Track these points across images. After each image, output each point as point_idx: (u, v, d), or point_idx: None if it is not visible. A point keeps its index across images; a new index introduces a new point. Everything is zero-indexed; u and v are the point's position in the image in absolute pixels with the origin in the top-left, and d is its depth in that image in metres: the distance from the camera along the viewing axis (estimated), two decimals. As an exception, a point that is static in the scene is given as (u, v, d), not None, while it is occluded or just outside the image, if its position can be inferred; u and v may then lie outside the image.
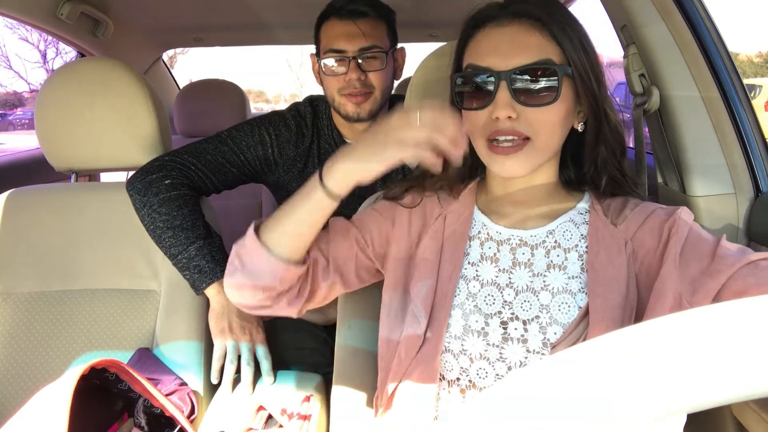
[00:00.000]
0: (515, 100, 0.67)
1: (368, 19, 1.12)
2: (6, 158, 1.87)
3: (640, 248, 0.68)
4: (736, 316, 0.24)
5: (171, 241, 1.02)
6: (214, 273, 1.01)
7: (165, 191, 1.04)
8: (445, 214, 0.79)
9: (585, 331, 0.65)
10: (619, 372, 0.24)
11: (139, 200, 1.04)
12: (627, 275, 0.67)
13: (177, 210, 1.03)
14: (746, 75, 15.57)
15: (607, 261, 0.68)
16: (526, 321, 0.69)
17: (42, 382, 0.98)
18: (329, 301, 0.83)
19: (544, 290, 0.70)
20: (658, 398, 0.23)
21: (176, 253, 1.02)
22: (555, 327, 0.67)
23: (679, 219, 0.67)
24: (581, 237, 0.72)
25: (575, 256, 0.71)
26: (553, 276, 0.70)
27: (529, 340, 0.68)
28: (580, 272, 0.70)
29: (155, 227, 1.03)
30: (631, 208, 0.72)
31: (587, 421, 0.23)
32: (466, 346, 0.70)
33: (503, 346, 0.69)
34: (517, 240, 0.74)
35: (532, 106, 0.68)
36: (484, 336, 0.70)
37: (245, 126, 1.18)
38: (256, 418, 0.89)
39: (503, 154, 0.69)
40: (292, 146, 1.20)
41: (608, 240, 0.70)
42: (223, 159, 1.13)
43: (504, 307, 0.71)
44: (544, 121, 0.68)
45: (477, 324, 0.70)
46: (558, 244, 0.72)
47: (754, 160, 0.93)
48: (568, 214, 0.74)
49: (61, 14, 1.57)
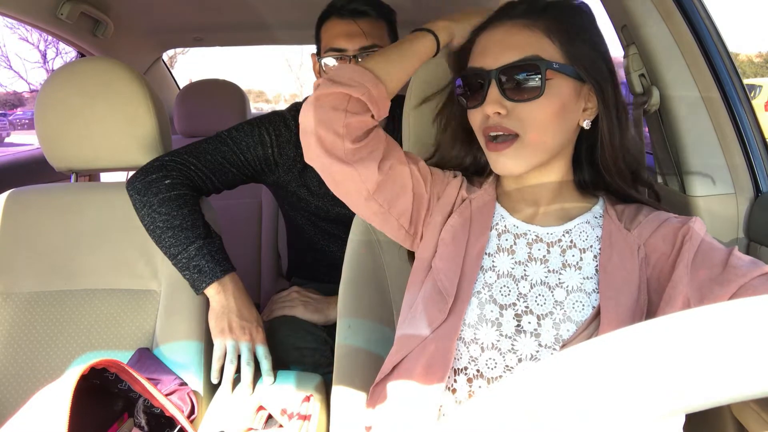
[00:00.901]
0: (503, 96, 0.71)
1: (369, 19, 1.13)
2: (6, 158, 1.87)
3: (652, 253, 0.69)
4: (736, 316, 0.24)
5: (171, 240, 1.02)
6: (214, 273, 1.01)
7: (165, 191, 1.04)
8: (470, 199, 0.81)
9: (596, 331, 0.66)
10: (619, 372, 0.24)
11: (139, 200, 1.04)
12: (638, 279, 0.68)
13: (177, 210, 1.03)
14: (746, 75, 15.58)
15: (620, 264, 0.69)
16: (540, 316, 0.70)
17: (42, 382, 0.98)
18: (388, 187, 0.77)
19: (559, 287, 0.71)
20: (658, 398, 0.23)
21: (176, 253, 1.02)
22: (568, 324, 0.68)
23: (693, 228, 0.68)
24: (596, 239, 0.73)
25: (590, 257, 0.72)
26: (568, 274, 0.71)
27: (542, 334, 0.69)
28: (594, 273, 0.71)
29: (155, 227, 1.03)
30: (645, 214, 0.73)
31: (587, 421, 0.23)
32: (479, 335, 0.71)
33: (516, 338, 0.70)
34: (533, 236, 0.75)
35: (519, 102, 0.70)
36: (498, 326, 0.71)
37: (245, 126, 1.18)
38: (256, 418, 0.89)
39: (495, 150, 0.73)
40: (292, 146, 1.19)
41: (621, 244, 0.71)
42: (223, 159, 1.13)
43: (519, 299, 0.72)
44: (533, 117, 0.70)
45: (492, 314, 0.71)
46: (574, 244, 0.73)
47: (754, 160, 0.93)
48: (584, 215, 0.76)
49: (61, 14, 1.57)
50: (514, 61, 0.70)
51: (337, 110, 0.72)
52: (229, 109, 2.23)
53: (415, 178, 0.78)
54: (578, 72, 0.71)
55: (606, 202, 0.77)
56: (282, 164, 1.19)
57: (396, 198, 0.77)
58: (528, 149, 0.72)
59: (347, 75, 0.74)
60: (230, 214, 1.94)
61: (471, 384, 0.71)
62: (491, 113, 0.71)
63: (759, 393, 0.22)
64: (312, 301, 1.16)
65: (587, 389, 0.24)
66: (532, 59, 0.69)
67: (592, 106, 0.74)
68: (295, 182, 1.22)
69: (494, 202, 0.80)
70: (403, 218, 0.79)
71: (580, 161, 0.79)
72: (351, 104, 0.72)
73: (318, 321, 1.13)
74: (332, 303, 1.14)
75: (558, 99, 0.70)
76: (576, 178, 0.79)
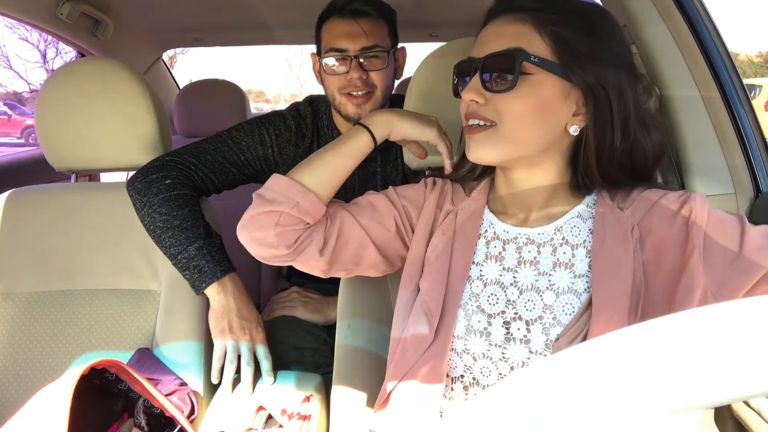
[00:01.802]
0: (483, 85, 0.71)
1: (370, 19, 1.12)
2: (6, 158, 1.87)
3: (647, 235, 0.68)
4: (734, 316, 0.24)
5: (171, 240, 1.02)
6: (214, 273, 1.01)
7: (165, 191, 1.04)
8: (456, 211, 0.80)
9: (587, 324, 0.64)
10: (617, 372, 0.24)
11: (139, 200, 1.04)
12: (633, 262, 0.66)
13: (177, 210, 1.03)
14: (746, 75, 15.58)
15: (613, 248, 0.68)
16: (529, 321, 0.69)
17: (42, 382, 0.98)
18: (335, 271, 0.83)
19: (549, 290, 0.69)
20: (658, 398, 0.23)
21: (176, 253, 1.02)
22: (558, 328, 0.67)
23: (695, 207, 0.66)
24: (589, 232, 0.72)
25: (583, 253, 0.70)
26: (558, 275, 0.70)
27: (531, 340, 0.68)
28: (587, 270, 0.69)
29: (155, 227, 1.03)
30: (639, 192, 0.72)
31: (586, 421, 0.23)
32: (469, 346, 0.70)
33: (506, 347, 0.69)
34: (524, 238, 0.74)
35: (495, 92, 0.70)
36: (487, 336, 0.70)
37: (245, 126, 1.18)
38: (256, 418, 0.89)
39: (469, 134, 0.73)
40: (292, 146, 1.19)
41: (614, 226, 0.69)
42: (223, 159, 1.13)
43: (507, 307, 0.70)
44: (509, 109, 0.69)
45: (479, 324, 0.71)
46: (566, 241, 0.72)
47: (754, 160, 0.93)
48: (576, 209, 0.74)
49: (61, 14, 1.57)
50: (495, 52, 0.69)
51: (267, 228, 0.75)
52: (229, 109, 2.23)
53: (371, 229, 0.81)
54: (567, 73, 0.67)
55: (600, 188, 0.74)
56: (282, 164, 1.19)
57: (358, 257, 0.81)
58: (501, 139, 0.70)
59: (276, 191, 0.77)
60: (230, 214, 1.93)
61: (467, 392, 0.71)
62: (468, 100, 0.72)
63: (759, 393, 0.22)
64: (312, 301, 1.16)
65: (586, 389, 0.24)
66: (511, 51, 0.68)
67: (580, 112, 0.70)
68: None
69: (483, 210, 0.79)
70: (378, 264, 0.83)
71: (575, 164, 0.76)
72: (282, 218, 0.75)
73: (318, 321, 1.13)
74: (332, 303, 1.14)
75: (537, 95, 0.68)
76: (571, 180, 0.76)
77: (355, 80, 1.11)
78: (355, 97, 1.12)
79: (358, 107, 1.13)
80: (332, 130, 1.23)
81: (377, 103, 1.15)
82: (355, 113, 1.14)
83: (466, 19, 2.12)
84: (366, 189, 1.29)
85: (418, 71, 0.99)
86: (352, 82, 1.11)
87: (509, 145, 0.71)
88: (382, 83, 1.14)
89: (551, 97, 0.68)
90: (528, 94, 0.68)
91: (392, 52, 1.17)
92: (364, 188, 1.26)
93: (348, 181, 1.27)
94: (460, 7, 2.02)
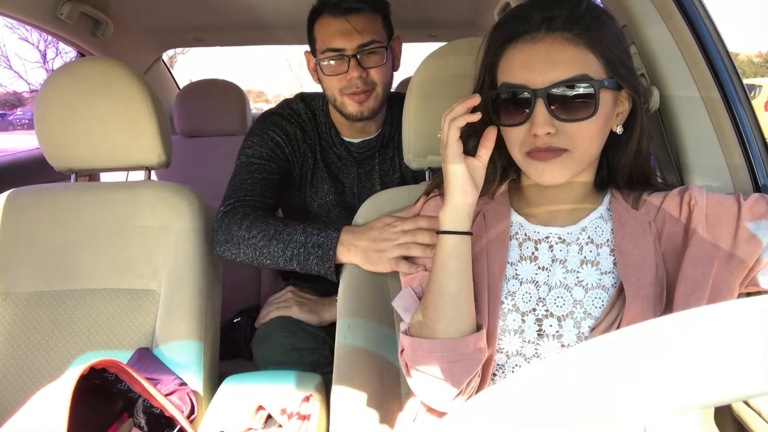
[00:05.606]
0: (553, 116, 0.68)
1: (363, 14, 1.10)
2: (6, 158, 1.87)
3: (663, 229, 0.72)
4: (733, 316, 0.24)
5: (280, 246, 0.98)
6: (329, 237, 0.96)
7: (243, 220, 1.02)
8: (483, 212, 0.80)
9: (620, 312, 0.68)
10: (618, 372, 0.24)
11: (233, 247, 1.02)
12: (654, 256, 0.70)
13: (264, 223, 1.01)
14: (746, 75, 15.57)
15: (634, 244, 0.71)
16: (560, 317, 0.71)
17: (42, 382, 0.98)
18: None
19: (578, 286, 0.72)
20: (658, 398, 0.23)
21: (291, 256, 0.98)
22: (589, 321, 0.69)
23: (694, 193, 0.71)
24: (611, 232, 0.75)
25: (607, 251, 0.73)
26: (586, 272, 0.73)
27: (564, 335, 0.70)
28: (612, 268, 0.72)
29: (259, 249, 0.99)
30: (648, 193, 0.76)
31: (586, 421, 0.23)
32: (503, 345, 0.73)
33: (539, 343, 0.71)
34: (555, 238, 0.76)
35: (570, 122, 0.68)
36: (520, 334, 0.72)
37: (253, 140, 1.18)
38: (255, 418, 0.89)
39: (540, 159, 0.70)
40: (300, 141, 1.22)
41: (632, 223, 0.73)
42: (260, 176, 1.13)
43: (538, 304, 0.72)
44: (583, 134, 0.69)
45: (514, 323, 0.73)
46: (591, 240, 0.75)
47: (754, 160, 0.93)
48: (597, 210, 0.77)
49: (61, 14, 1.57)
50: (565, 80, 0.67)
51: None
52: (229, 109, 2.23)
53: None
54: (619, 83, 0.70)
55: (613, 189, 0.78)
56: (294, 161, 1.21)
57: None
58: (574, 162, 0.71)
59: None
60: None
61: None
62: (542, 134, 0.68)
63: (759, 393, 0.22)
64: (307, 301, 1.15)
65: (585, 390, 0.24)
66: (584, 78, 0.67)
67: (622, 110, 0.73)
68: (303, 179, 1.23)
69: (509, 211, 0.79)
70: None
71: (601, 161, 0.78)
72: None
73: (312, 322, 1.12)
74: (327, 304, 1.14)
75: (603, 114, 0.69)
76: (597, 177, 0.79)
77: (355, 80, 1.10)
78: (356, 95, 1.12)
79: (359, 105, 1.13)
80: (330, 128, 1.23)
81: (378, 100, 1.15)
82: (357, 111, 1.14)
83: (466, 19, 2.13)
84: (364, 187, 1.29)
85: (418, 71, 0.99)
86: (353, 81, 1.11)
87: (580, 165, 0.72)
88: (382, 79, 1.14)
89: (610, 110, 0.71)
90: (598, 117, 0.69)
91: (389, 45, 1.16)
92: (363, 186, 1.26)
93: (346, 180, 1.27)
94: (460, 7, 2.02)
